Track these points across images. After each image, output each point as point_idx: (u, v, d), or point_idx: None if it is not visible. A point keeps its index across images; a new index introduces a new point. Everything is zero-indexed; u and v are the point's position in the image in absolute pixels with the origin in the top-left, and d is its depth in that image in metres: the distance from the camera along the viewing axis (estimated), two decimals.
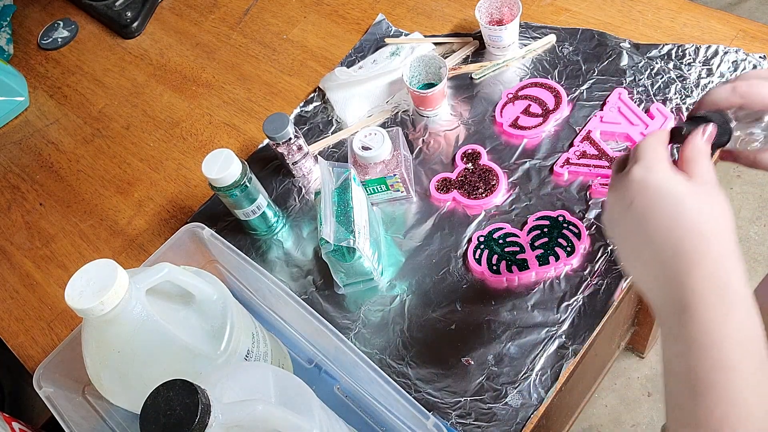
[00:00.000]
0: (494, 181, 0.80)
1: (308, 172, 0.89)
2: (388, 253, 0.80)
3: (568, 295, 0.71)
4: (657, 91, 0.83)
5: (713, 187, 0.42)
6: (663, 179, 0.42)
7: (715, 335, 0.39)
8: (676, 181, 0.42)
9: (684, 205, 0.41)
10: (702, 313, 0.39)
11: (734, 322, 0.39)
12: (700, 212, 0.41)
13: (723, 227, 0.41)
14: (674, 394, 0.41)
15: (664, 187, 0.42)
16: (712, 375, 0.38)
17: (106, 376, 0.57)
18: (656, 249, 0.42)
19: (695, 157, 0.44)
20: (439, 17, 1.00)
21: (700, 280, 0.40)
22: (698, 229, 0.41)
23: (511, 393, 0.67)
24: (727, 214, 0.42)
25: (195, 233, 0.72)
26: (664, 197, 0.42)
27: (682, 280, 0.41)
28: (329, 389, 0.72)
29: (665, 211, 0.42)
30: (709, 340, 0.39)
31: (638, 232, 0.43)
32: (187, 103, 1.04)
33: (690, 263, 0.40)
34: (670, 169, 0.43)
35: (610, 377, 1.42)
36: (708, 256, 0.40)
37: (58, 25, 1.23)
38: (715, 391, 0.38)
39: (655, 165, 0.43)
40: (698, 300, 0.40)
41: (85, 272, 0.52)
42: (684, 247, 0.41)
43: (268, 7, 1.12)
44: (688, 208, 0.41)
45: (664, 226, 0.42)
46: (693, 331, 0.40)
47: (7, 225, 0.99)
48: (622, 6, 0.92)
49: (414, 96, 0.87)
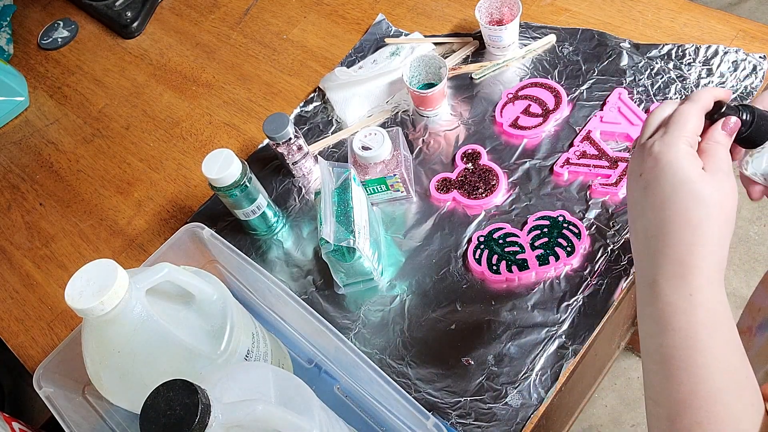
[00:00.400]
0: (494, 181, 0.80)
1: (308, 172, 0.89)
2: (388, 253, 0.80)
3: (568, 295, 0.71)
4: (657, 91, 0.83)
5: (724, 176, 0.42)
6: (676, 159, 0.42)
7: (679, 315, 0.40)
8: (688, 164, 0.42)
9: (684, 186, 0.42)
10: (666, 295, 0.41)
11: (699, 306, 0.40)
12: (696, 197, 0.41)
13: (714, 215, 0.41)
14: (647, 371, 0.43)
15: (675, 166, 0.42)
16: (678, 353, 0.40)
17: (106, 376, 0.57)
18: (646, 223, 0.43)
19: (710, 149, 0.44)
20: (439, 17, 1.00)
21: (668, 265, 0.41)
22: (687, 215, 0.41)
23: (511, 393, 0.67)
24: (726, 203, 0.42)
25: (195, 233, 0.72)
26: (670, 176, 0.42)
27: (655, 259, 0.42)
28: (329, 389, 0.72)
29: (665, 186, 0.42)
30: (675, 320, 0.40)
31: (640, 203, 0.44)
32: (187, 103, 1.04)
33: (665, 245, 0.42)
34: (688, 151, 0.43)
35: (610, 377, 1.42)
36: (683, 242, 0.41)
37: (58, 25, 1.23)
38: (683, 369, 0.40)
39: (676, 143, 0.43)
40: (664, 281, 0.41)
41: (85, 272, 0.52)
42: (667, 228, 0.42)
43: (268, 7, 1.12)
44: (688, 189, 0.41)
45: (660, 202, 0.42)
46: (659, 310, 0.41)
47: (7, 225, 0.99)
48: (622, 6, 0.92)
49: (414, 96, 0.87)
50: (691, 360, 0.39)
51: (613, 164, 0.77)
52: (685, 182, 0.42)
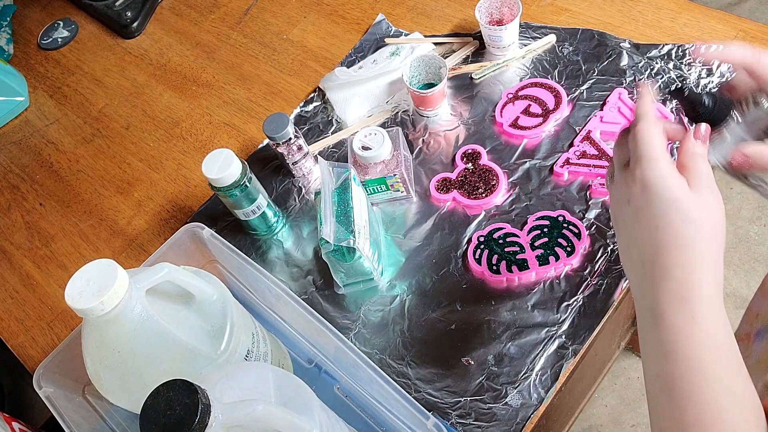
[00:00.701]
0: (494, 181, 0.80)
1: (308, 172, 0.89)
2: (388, 253, 0.80)
3: (568, 295, 0.71)
4: (657, 91, 0.83)
5: (709, 191, 0.43)
6: (662, 179, 0.42)
7: (682, 341, 0.40)
8: (673, 183, 0.42)
9: (673, 207, 0.42)
10: (668, 319, 0.41)
11: (701, 330, 0.40)
12: (686, 217, 0.41)
13: (706, 234, 0.41)
14: (651, 396, 0.42)
15: (662, 187, 0.42)
16: (684, 379, 0.40)
17: (106, 376, 0.57)
18: (641, 248, 0.43)
19: (689, 162, 0.44)
20: (439, 17, 1.00)
21: (668, 288, 0.41)
22: (681, 234, 0.41)
23: (511, 393, 0.67)
24: (715, 220, 0.42)
25: (195, 233, 0.72)
26: (657, 197, 0.42)
27: (654, 284, 0.42)
28: (329, 389, 0.72)
29: (655, 210, 0.42)
30: (678, 346, 0.40)
31: (632, 229, 0.44)
32: (187, 103, 1.04)
33: (662, 269, 0.42)
34: (670, 169, 0.43)
35: (610, 377, 1.42)
36: (678, 264, 0.41)
37: (58, 25, 1.23)
38: (688, 396, 0.39)
39: (656, 165, 0.43)
40: (664, 306, 0.41)
41: (85, 272, 0.52)
42: (662, 250, 0.42)
43: (268, 7, 1.12)
44: (676, 210, 0.42)
45: (652, 225, 0.43)
46: (662, 336, 0.41)
47: (7, 225, 0.99)
48: (622, 6, 0.92)
49: (414, 96, 0.87)
50: (696, 387, 0.39)
51: None
52: (672, 202, 0.42)
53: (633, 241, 0.44)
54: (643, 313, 0.43)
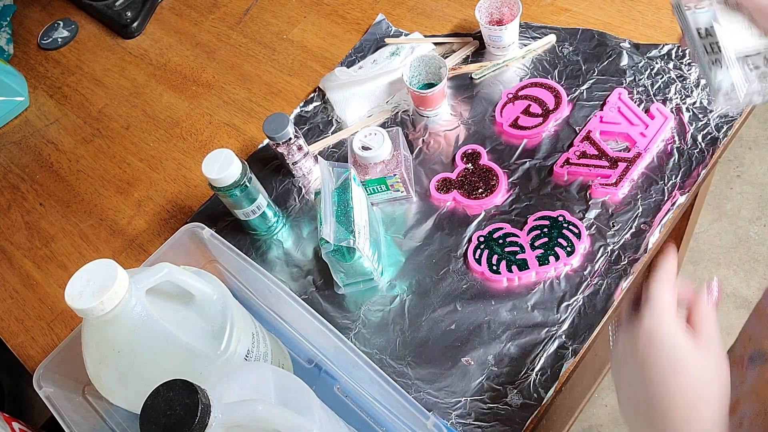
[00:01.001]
0: (494, 181, 0.80)
1: (308, 172, 0.89)
2: (388, 253, 0.80)
3: (568, 295, 0.71)
4: (657, 91, 0.83)
5: (714, 347, 0.45)
6: (669, 335, 0.45)
7: None
8: (680, 339, 0.45)
9: (682, 362, 0.44)
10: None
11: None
12: (695, 374, 0.43)
13: (714, 391, 0.43)
14: None
15: (670, 340, 0.45)
16: None
17: (106, 376, 0.57)
18: (649, 399, 0.45)
19: (700, 321, 0.47)
20: (439, 17, 1.00)
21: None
22: (691, 392, 0.43)
23: (511, 393, 0.67)
24: (721, 377, 0.44)
25: (195, 233, 0.72)
26: (667, 350, 0.44)
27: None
28: (329, 389, 0.72)
29: (665, 363, 0.44)
30: None
31: (638, 380, 0.46)
32: (187, 103, 1.04)
33: (672, 419, 0.43)
34: (677, 322, 0.46)
35: (610, 377, 1.42)
36: (690, 418, 0.43)
37: (58, 25, 1.23)
38: None
39: (665, 317, 0.46)
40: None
41: (85, 272, 0.52)
42: (674, 407, 0.43)
43: (268, 7, 1.12)
44: (685, 365, 0.44)
45: (662, 377, 0.44)
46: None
47: (7, 225, 0.99)
48: (622, 6, 0.92)
49: (414, 96, 0.87)
50: None
51: (613, 164, 0.77)
52: (680, 360, 0.44)
53: (641, 392, 0.45)
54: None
